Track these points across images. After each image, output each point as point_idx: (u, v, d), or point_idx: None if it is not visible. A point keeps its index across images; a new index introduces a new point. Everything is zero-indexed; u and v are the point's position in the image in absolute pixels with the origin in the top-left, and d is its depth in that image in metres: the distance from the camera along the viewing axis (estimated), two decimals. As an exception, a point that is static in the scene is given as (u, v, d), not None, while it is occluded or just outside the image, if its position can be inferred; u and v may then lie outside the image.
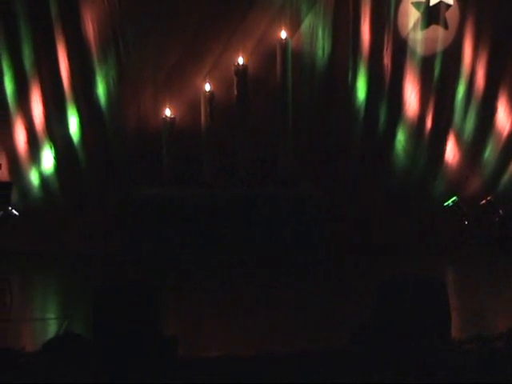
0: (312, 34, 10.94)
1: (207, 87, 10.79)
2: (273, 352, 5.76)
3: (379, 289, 5.75)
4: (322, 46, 10.95)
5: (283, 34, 10.79)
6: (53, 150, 10.80)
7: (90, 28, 10.64)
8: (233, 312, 8.26)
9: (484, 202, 11.04)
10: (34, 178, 10.81)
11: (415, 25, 10.94)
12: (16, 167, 10.75)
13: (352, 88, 11.01)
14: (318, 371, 5.47)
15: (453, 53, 10.97)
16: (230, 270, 9.94)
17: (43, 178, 10.82)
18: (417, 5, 10.91)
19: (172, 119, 10.85)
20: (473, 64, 11.00)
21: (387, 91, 10.96)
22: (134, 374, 5.17)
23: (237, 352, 5.65)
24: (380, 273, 9.48)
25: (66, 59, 10.65)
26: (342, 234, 10.95)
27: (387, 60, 10.99)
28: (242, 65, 10.80)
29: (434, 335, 5.63)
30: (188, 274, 9.68)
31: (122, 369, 5.20)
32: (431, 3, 10.79)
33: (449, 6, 10.85)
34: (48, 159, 10.82)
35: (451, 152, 11.17)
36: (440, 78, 11.02)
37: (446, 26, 10.94)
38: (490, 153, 11.15)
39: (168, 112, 10.82)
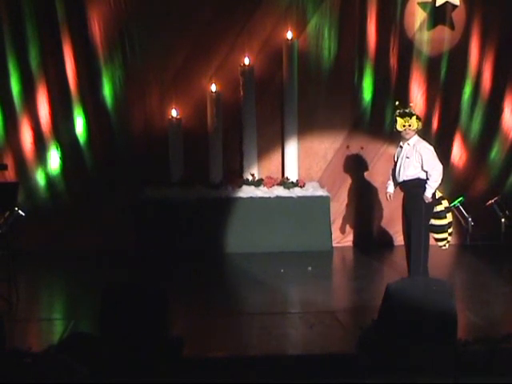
0: (318, 35, 10.94)
1: (213, 88, 10.80)
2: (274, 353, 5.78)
3: (387, 290, 5.75)
4: (328, 46, 10.95)
5: (289, 35, 10.80)
6: (59, 151, 10.82)
7: (96, 29, 10.65)
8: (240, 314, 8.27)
9: (491, 202, 11.04)
10: (40, 178, 10.84)
11: (421, 25, 10.93)
12: (23, 168, 10.77)
13: (358, 88, 11.02)
14: (317, 372, 5.48)
15: (459, 53, 10.96)
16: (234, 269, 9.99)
17: (49, 179, 10.85)
18: (423, 5, 10.90)
19: (178, 120, 10.86)
20: (479, 64, 10.99)
21: (393, 91, 10.95)
22: (140, 373, 5.18)
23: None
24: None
25: (73, 60, 10.67)
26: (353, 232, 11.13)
27: (393, 60, 10.98)
28: (248, 65, 10.81)
29: (440, 337, 5.63)
30: (194, 274, 9.69)
31: (128, 368, 5.21)
32: (437, 4, 10.77)
33: (455, 6, 10.84)
34: (54, 160, 10.84)
35: (458, 152, 11.16)
36: (446, 79, 11.02)
37: (452, 27, 10.93)
38: (496, 153, 11.14)
39: (174, 112, 10.83)
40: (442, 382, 5.16)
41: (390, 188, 9.14)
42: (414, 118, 8.83)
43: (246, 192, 10.75)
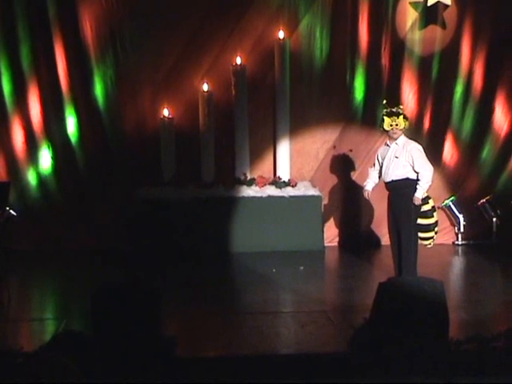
0: (310, 34, 10.95)
1: (205, 87, 10.79)
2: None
3: (379, 290, 5.77)
4: (320, 45, 10.97)
5: (281, 34, 10.80)
6: (51, 151, 10.81)
7: (87, 29, 10.65)
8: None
9: (483, 201, 11.06)
10: (31, 178, 10.82)
11: (413, 25, 10.95)
12: (14, 167, 10.75)
13: (350, 88, 11.03)
14: (309, 371, 5.48)
15: (451, 53, 10.98)
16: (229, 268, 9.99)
17: (41, 178, 10.83)
18: (415, 5, 10.92)
19: (170, 119, 10.85)
20: (471, 64, 11.02)
21: (385, 91, 10.96)
22: (134, 373, 5.17)
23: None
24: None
25: (64, 60, 10.66)
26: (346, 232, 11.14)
27: (385, 60, 11.00)
28: (240, 65, 10.81)
29: (432, 336, 5.64)
30: (187, 273, 9.69)
31: (121, 367, 5.21)
32: (429, 3, 10.80)
33: (447, 6, 10.87)
34: (46, 159, 10.83)
35: (449, 151, 11.19)
36: (438, 78, 11.04)
37: (443, 26, 10.96)
38: (487, 153, 11.17)
39: (166, 112, 10.83)
40: (435, 381, 5.18)
41: (369, 186, 9.12)
42: (402, 117, 8.82)
43: (238, 191, 10.75)
